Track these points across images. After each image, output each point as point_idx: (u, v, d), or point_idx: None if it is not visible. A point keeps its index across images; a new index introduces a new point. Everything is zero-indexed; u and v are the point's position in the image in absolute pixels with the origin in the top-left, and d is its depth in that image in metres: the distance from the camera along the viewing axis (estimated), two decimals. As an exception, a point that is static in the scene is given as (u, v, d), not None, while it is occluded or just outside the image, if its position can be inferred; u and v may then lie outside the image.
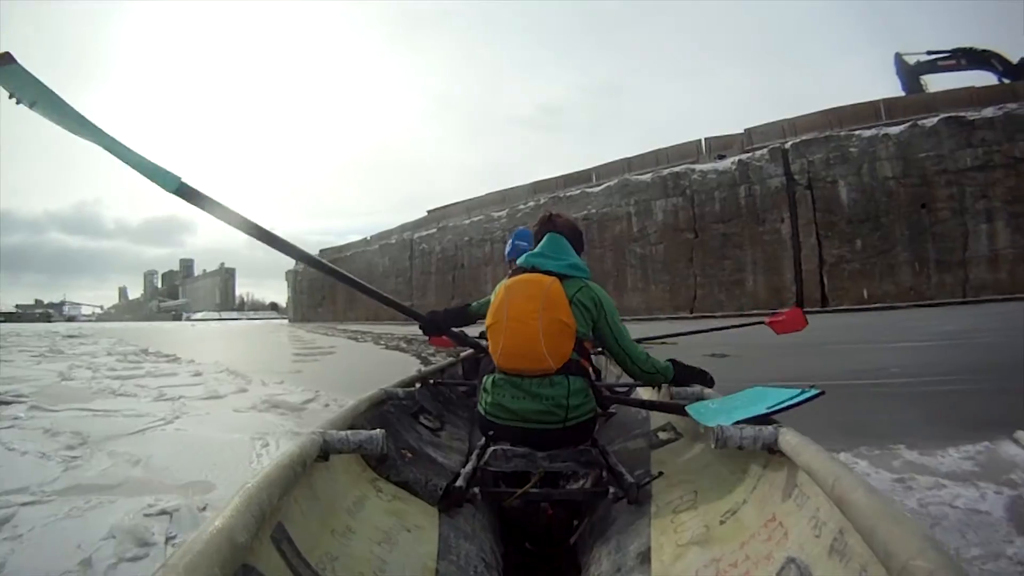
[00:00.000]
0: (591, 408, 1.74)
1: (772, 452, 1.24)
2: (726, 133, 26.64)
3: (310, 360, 11.06)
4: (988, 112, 20.89)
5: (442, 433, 2.29)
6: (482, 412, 1.81)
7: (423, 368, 3.22)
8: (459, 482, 1.61)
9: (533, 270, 1.82)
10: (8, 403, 5.23)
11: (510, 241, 2.92)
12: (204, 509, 2.33)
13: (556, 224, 1.96)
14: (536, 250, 1.90)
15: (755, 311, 21.97)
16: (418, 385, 2.46)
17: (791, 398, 1.38)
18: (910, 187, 21.29)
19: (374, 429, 1.36)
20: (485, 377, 1.87)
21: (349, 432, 1.32)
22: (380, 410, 1.96)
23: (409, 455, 1.77)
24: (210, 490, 2.62)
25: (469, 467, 1.74)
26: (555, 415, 1.68)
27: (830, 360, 7.33)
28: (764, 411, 1.35)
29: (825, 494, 0.94)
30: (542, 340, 1.67)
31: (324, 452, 1.24)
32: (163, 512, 2.24)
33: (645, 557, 1.28)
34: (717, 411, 1.48)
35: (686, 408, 1.59)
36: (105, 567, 1.82)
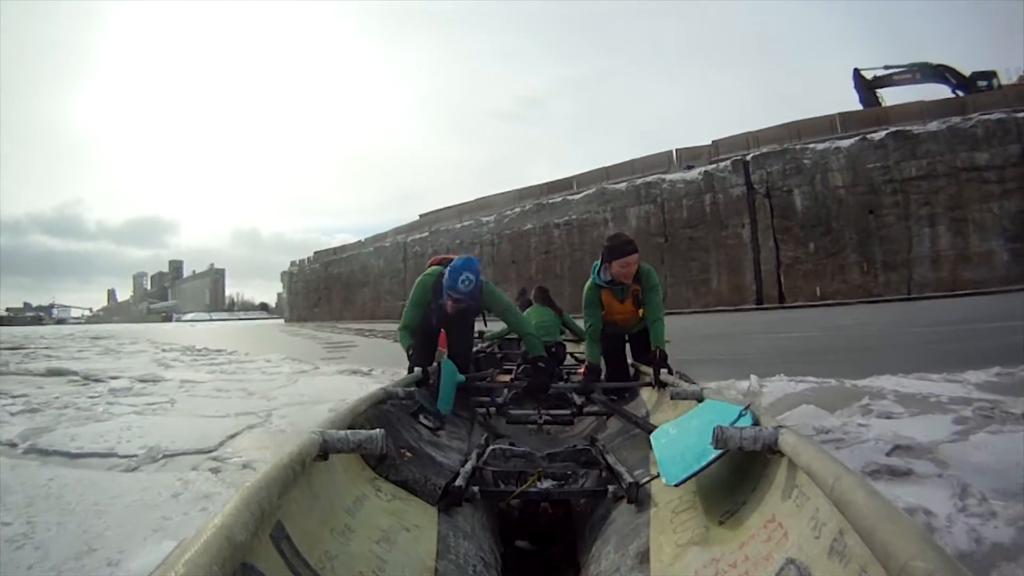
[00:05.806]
0: None
1: (772, 452, 1.23)
2: (696, 145, 29.10)
3: (343, 350, 12.70)
4: (932, 126, 22.80)
5: (441, 432, 2.30)
6: None
7: (422, 368, 3.47)
8: (458, 481, 1.63)
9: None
10: (155, 381, 6.78)
11: (466, 276, 2.80)
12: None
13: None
14: None
15: (719, 307, 24.41)
16: (418, 385, 2.49)
17: (709, 457, 1.34)
18: (859, 195, 23.40)
19: (374, 428, 1.35)
20: None
21: (349, 431, 1.32)
22: (380, 409, 1.96)
23: (408, 454, 1.78)
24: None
25: (468, 466, 1.77)
26: None
27: (729, 345, 9.40)
28: (698, 467, 1.36)
29: (825, 495, 0.93)
30: None
31: (323, 451, 1.25)
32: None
33: (644, 557, 1.28)
34: (671, 446, 1.53)
35: (650, 436, 1.70)
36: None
